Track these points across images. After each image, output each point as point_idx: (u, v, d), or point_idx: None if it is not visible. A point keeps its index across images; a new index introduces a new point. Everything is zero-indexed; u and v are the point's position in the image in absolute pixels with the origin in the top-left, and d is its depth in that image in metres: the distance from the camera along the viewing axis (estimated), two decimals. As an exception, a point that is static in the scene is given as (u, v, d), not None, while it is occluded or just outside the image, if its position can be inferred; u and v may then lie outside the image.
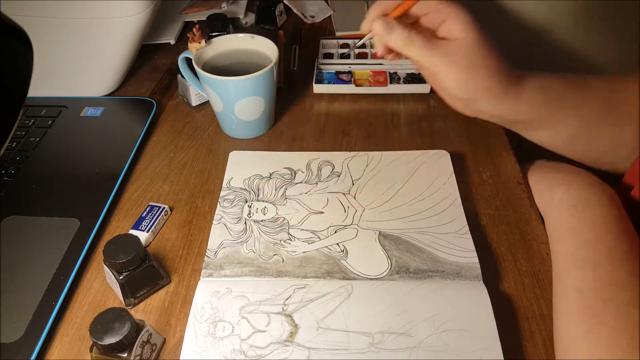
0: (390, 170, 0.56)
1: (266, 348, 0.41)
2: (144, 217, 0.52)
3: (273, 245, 0.49)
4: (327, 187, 0.55)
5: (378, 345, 0.41)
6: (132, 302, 0.45)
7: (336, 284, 0.45)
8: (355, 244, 0.49)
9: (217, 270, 0.47)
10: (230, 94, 0.58)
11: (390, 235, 0.49)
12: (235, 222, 0.51)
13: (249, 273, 0.46)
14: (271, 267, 0.47)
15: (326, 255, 0.48)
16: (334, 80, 0.70)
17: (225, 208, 0.53)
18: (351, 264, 0.47)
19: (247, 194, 0.54)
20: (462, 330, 0.41)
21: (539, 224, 0.51)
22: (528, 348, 0.42)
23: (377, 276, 0.46)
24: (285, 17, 0.86)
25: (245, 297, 0.44)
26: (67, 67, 0.67)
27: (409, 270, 0.46)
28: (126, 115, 0.67)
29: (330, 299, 0.44)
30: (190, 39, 0.59)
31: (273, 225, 0.51)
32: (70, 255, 0.48)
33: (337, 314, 0.43)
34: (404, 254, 0.48)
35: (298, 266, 0.47)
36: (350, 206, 0.52)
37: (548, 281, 0.46)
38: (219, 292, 0.45)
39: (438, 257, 0.47)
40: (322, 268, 0.47)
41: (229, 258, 0.48)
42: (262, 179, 0.56)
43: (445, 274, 0.46)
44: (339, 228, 0.50)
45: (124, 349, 0.39)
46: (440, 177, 0.55)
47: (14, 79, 0.35)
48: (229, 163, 0.58)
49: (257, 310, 0.43)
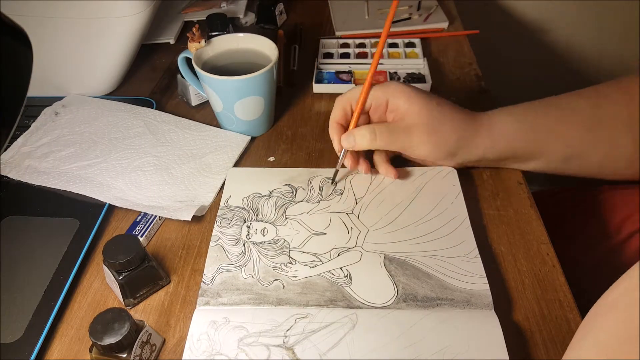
0: (395, 188, 0.54)
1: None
2: (138, 221, 0.52)
3: (273, 270, 0.47)
4: (330, 206, 0.52)
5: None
6: (131, 302, 0.45)
7: (340, 314, 0.43)
8: (360, 269, 0.47)
9: (214, 298, 0.44)
10: (230, 94, 0.58)
11: (396, 259, 0.47)
12: (234, 244, 0.49)
13: (247, 301, 0.44)
14: (271, 294, 0.45)
15: (329, 280, 0.46)
16: (333, 80, 0.70)
17: (223, 228, 0.50)
18: (355, 291, 0.45)
19: (245, 214, 0.52)
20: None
21: (539, 224, 0.51)
22: (529, 349, 0.42)
23: (383, 304, 0.44)
24: (285, 17, 0.86)
25: (244, 327, 0.42)
26: (66, 67, 0.67)
27: (417, 298, 0.44)
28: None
29: (333, 330, 0.42)
30: (190, 39, 0.59)
31: (273, 248, 0.49)
32: (70, 256, 0.48)
33: (341, 346, 0.41)
34: (411, 280, 0.45)
35: (299, 293, 0.45)
36: (353, 227, 0.50)
37: (548, 281, 0.46)
38: (216, 323, 0.42)
39: (447, 283, 0.45)
40: (324, 295, 0.44)
41: (227, 284, 0.45)
42: (262, 197, 0.53)
43: (454, 302, 0.43)
44: (342, 251, 0.48)
45: (124, 349, 0.39)
46: (447, 195, 0.53)
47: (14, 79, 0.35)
48: (227, 181, 0.56)
49: (256, 342, 0.41)
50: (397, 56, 0.74)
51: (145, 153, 0.59)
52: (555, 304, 0.45)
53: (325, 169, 0.57)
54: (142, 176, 0.56)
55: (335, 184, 0.55)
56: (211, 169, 0.57)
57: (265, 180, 0.55)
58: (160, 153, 0.59)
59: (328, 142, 0.62)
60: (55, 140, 0.61)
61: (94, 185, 0.55)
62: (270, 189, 0.54)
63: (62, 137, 0.61)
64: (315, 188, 0.55)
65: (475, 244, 0.48)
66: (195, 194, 0.55)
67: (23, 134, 0.62)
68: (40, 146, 0.60)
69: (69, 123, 0.64)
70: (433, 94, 0.53)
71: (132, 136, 0.61)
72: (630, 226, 0.63)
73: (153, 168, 0.57)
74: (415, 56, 0.74)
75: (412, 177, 0.55)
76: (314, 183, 0.55)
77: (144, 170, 0.57)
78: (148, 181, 0.56)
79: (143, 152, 0.59)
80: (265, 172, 0.57)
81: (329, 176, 0.55)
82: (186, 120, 0.64)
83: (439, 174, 0.55)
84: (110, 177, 0.56)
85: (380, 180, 0.55)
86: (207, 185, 0.56)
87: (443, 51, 0.78)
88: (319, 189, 0.54)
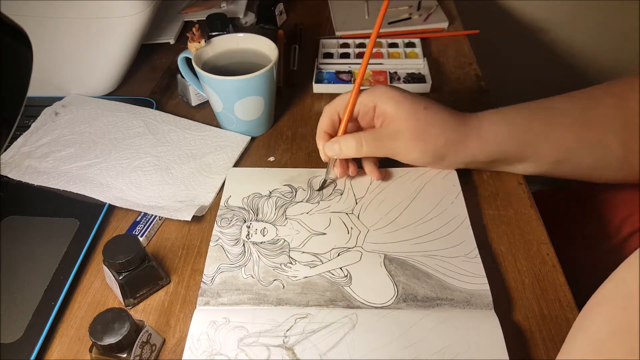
0: (395, 188, 0.54)
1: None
2: (138, 221, 0.52)
3: (273, 270, 0.47)
4: (330, 206, 0.52)
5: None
6: (131, 302, 0.45)
7: (340, 314, 0.43)
8: (360, 269, 0.47)
9: (214, 298, 0.44)
10: (230, 94, 0.58)
11: (396, 259, 0.47)
12: (233, 244, 0.49)
13: (247, 301, 0.44)
14: (271, 294, 0.45)
15: (329, 280, 0.46)
16: (333, 80, 0.70)
17: (223, 228, 0.50)
18: (355, 291, 0.45)
19: (245, 214, 0.52)
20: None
21: (539, 224, 0.51)
22: (528, 349, 0.42)
23: (382, 304, 0.44)
24: (285, 17, 0.86)
25: (244, 327, 0.42)
26: (66, 67, 0.67)
27: (417, 298, 0.44)
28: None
29: (333, 330, 0.42)
30: (190, 39, 0.59)
31: (273, 248, 0.49)
32: (70, 256, 0.48)
33: (341, 346, 0.41)
34: (411, 280, 0.45)
35: (299, 293, 0.45)
36: (353, 227, 0.50)
37: (548, 281, 0.46)
38: (216, 323, 0.42)
39: (447, 283, 0.45)
40: (324, 295, 0.44)
41: (227, 284, 0.45)
42: (262, 197, 0.53)
43: (454, 302, 0.43)
44: (342, 251, 0.48)
45: (124, 349, 0.39)
46: (447, 196, 0.53)
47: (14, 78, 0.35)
48: (227, 181, 0.56)
49: (256, 342, 0.41)
50: (397, 56, 0.74)
51: (145, 153, 0.59)
52: (555, 304, 0.45)
53: (325, 169, 0.57)
54: (142, 176, 0.56)
55: (335, 183, 0.55)
56: (211, 169, 0.57)
57: (265, 180, 0.55)
58: (160, 153, 0.59)
59: (328, 142, 0.62)
60: (55, 140, 0.61)
61: (94, 185, 0.55)
62: (270, 189, 0.54)
63: (62, 137, 0.61)
64: (315, 188, 0.55)
65: (475, 244, 0.48)
66: (195, 194, 0.55)
67: (23, 134, 0.62)
68: (40, 146, 0.60)
69: (69, 123, 0.64)
70: (422, 96, 0.52)
71: (132, 136, 0.61)
72: (630, 226, 0.63)
73: (153, 168, 0.57)
74: (415, 56, 0.74)
75: (412, 177, 0.55)
76: (314, 183, 0.55)
77: (144, 170, 0.57)
78: (148, 181, 0.56)
79: (143, 152, 0.59)
80: (265, 172, 0.57)
81: (329, 177, 0.55)
82: (186, 120, 0.64)
83: (439, 174, 0.55)
84: (110, 177, 0.56)
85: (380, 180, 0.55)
86: (207, 185, 0.56)
87: (443, 51, 0.78)
88: (318, 189, 0.54)
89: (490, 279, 0.45)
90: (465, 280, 0.45)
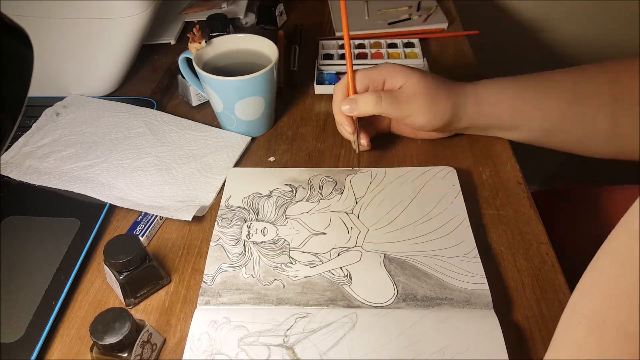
0: (395, 187, 0.54)
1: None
2: (139, 221, 0.52)
3: (273, 270, 0.47)
4: (330, 206, 0.53)
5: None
6: (132, 302, 0.45)
7: (340, 313, 0.43)
8: (360, 269, 0.47)
9: (214, 298, 0.44)
10: (231, 94, 0.58)
11: (396, 258, 0.47)
12: (234, 243, 0.49)
13: (248, 300, 0.44)
14: (271, 294, 0.45)
15: (329, 280, 0.46)
16: (334, 80, 0.70)
17: (223, 228, 0.51)
18: (355, 291, 0.45)
19: (246, 214, 0.52)
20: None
21: (539, 224, 0.51)
22: (528, 348, 0.42)
23: (382, 304, 0.44)
24: (285, 17, 0.86)
25: (245, 327, 0.42)
26: (67, 67, 0.67)
27: (417, 298, 0.44)
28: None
29: (333, 329, 0.42)
30: (191, 39, 0.59)
31: (273, 248, 0.49)
32: (71, 255, 0.48)
33: (341, 346, 0.41)
34: (411, 279, 0.45)
35: (299, 293, 0.45)
36: (353, 227, 0.50)
37: (548, 281, 0.46)
38: (216, 322, 0.42)
39: (446, 283, 0.45)
40: (324, 295, 0.45)
41: (227, 284, 0.46)
42: (262, 197, 0.53)
43: (454, 301, 0.43)
44: (342, 250, 0.48)
45: (124, 348, 0.39)
46: (447, 196, 0.53)
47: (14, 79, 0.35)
48: (228, 181, 0.56)
49: (256, 342, 0.41)
50: (396, 56, 0.74)
51: (146, 153, 0.59)
52: (555, 303, 0.45)
53: (325, 169, 0.57)
54: (142, 176, 0.56)
55: (335, 182, 0.55)
56: (212, 169, 0.58)
57: (266, 180, 0.55)
58: (161, 153, 0.59)
59: (328, 143, 0.62)
60: (56, 141, 0.61)
61: (94, 185, 0.55)
62: (270, 189, 0.55)
63: (63, 138, 0.62)
64: (315, 187, 0.55)
65: (475, 243, 0.48)
66: (196, 194, 0.55)
67: (24, 134, 0.62)
68: (41, 146, 0.60)
69: (70, 123, 0.64)
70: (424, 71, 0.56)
71: (133, 136, 0.62)
72: (630, 226, 0.63)
73: (154, 168, 0.57)
74: (414, 56, 0.74)
75: (412, 177, 0.55)
76: (314, 182, 0.55)
77: (144, 171, 0.57)
78: (149, 181, 0.56)
79: (144, 152, 0.59)
80: (265, 172, 0.57)
81: (329, 175, 0.56)
82: (187, 120, 0.64)
83: (439, 174, 0.55)
84: (111, 177, 0.56)
85: (380, 180, 0.55)
86: (208, 185, 0.56)
87: (443, 51, 0.78)
88: (319, 188, 0.55)
89: (490, 278, 0.45)
90: (464, 280, 0.45)
